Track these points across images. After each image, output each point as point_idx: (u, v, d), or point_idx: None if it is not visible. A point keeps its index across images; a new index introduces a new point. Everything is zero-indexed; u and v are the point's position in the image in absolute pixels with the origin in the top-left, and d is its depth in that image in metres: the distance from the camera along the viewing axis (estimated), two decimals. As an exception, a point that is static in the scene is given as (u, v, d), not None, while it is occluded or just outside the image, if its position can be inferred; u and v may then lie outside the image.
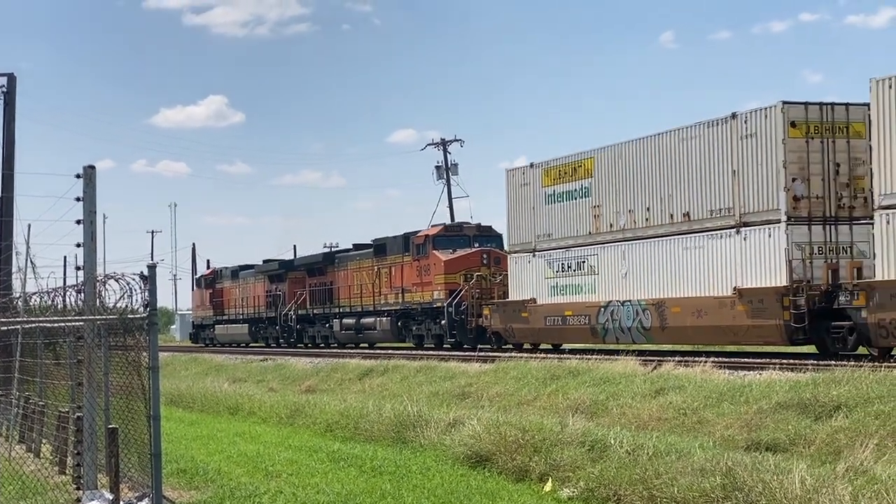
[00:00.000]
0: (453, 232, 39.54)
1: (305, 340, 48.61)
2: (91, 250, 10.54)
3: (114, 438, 10.19)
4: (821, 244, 24.21)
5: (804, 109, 24.30)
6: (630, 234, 28.82)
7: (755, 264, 24.73)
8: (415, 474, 13.84)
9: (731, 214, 25.50)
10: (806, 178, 24.15)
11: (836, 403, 15.13)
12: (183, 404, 27.41)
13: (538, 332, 32.56)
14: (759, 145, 24.66)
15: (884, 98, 21.38)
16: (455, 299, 36.59)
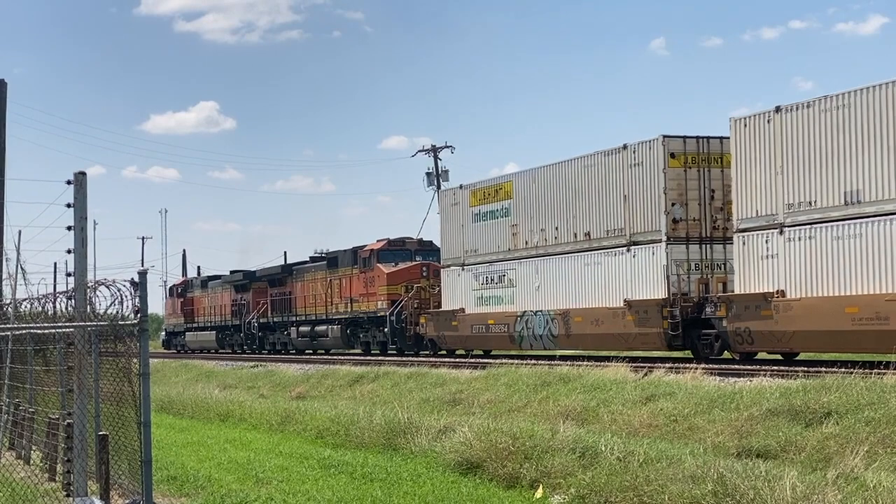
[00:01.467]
0: (396, 246, 42.53)
1: (266, 347, 51.90)
2: (82, 256, 10.52)
3: (104, 445, 10.17)
4: (697, 261, 27.47)
5: (683, 142, 27.69)
6: (542, 251, 32.08)
7: (642, 279, 27.98)
8: (405, 481, 13.82)
9: (623, 234, 28.85)
10: (684, 202, 27.46)
11: (826, 410, 15.16)
12: (173, 411, 27.34)
13: (466, 339, 35.80)
14: (645, 173, 27.97)
15: (740, 135, 24.86)
16: (396, 309, 39.78)
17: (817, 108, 23.23)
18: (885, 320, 21.31)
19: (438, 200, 37.98)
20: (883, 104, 21.81)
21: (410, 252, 42.40)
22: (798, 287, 23.50)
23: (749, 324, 24.53)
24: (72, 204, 10.51)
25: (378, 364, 32.12)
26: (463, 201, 36.24)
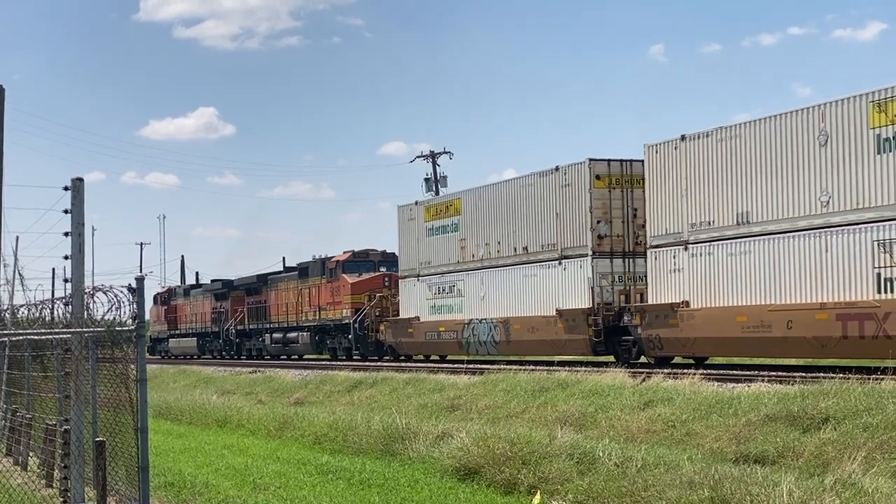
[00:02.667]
0: (360, 258, 44.97)
1: (243, 353, 54.19)
2: (79, 262, 10.51)
3: (101, 451, 10.16)
4: (620, 274, 29.80)
5: (607, 165, 30.02)
6: (487, 263, 34.59)
7: (571, 290, 30.43)
8: (403, 487, 13.82)
9: (556, 249, 31.23)
10: (609, 220, 29.86)
11: (824, 416, 15.16)
12: (171, 417, 27.33)
13: (420, 345, 38.40)
14: (574, 193, 30.46)
15: (652, 161, 27.55)
16: (359, 317, 42.04)
17: (715, 137, 25.69)
18: (768, 328, 23.77)
19: (398, 215, 40.38)
20: (767, 136, 24.25)
21: (374, 263, 44.70)
22: (700, 298, 25.99)
23: (659, 331, 26.98)
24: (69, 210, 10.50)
25: (376, 370, 32.13)
26: (418, 216, 38.68)
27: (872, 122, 21.86)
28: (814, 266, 23.08)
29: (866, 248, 21.97)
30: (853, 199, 22.33)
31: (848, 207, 22.45)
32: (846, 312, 22.08)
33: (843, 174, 22.52)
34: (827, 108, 22.93)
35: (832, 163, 22.75)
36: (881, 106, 21.74)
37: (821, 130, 23.03)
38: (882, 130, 21.66)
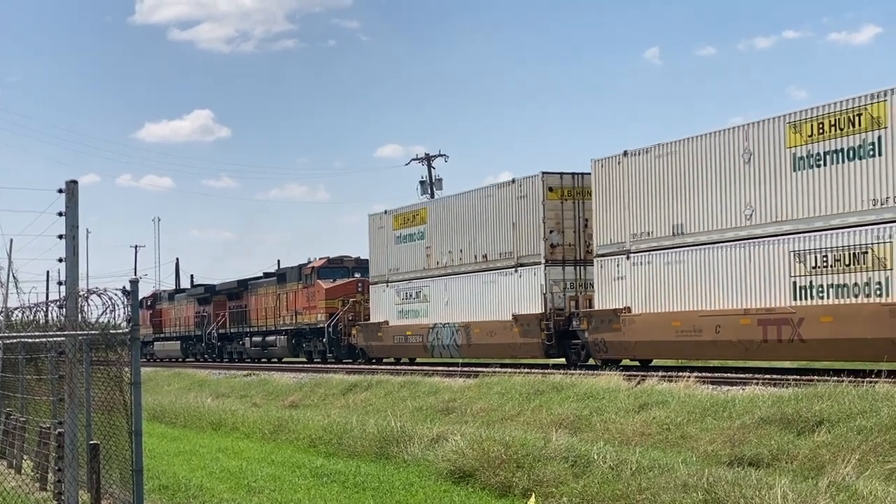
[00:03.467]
0: (335, 264, 46.84)
1: (225, 356, 55.84)
2: (73, 265, 10.50)
3: (95, 454, 10.15)
4: (572, 280, 31.45)
5: (560, 178, 31.81)
6: (450, 271, 36.30)
7: (526, 296, 32.09)
8: (398, 490, 13.82)
9: (512, 257, 32.91)
10: (561, 230, 31.56)
11: (818, 418, 15.17)
12: (165, 420, 27.30)
13: (389, 348, 40.19)
14: (529, 205, 32.16)
15: (598, 174, 29.47)
16: (333, 321, 43.86)
17: (653, 153, 27.54)
18: (699, 332, 25.66)
19: (368, 224, 42.24)
20: (698, 153, 26.20)
21: (348, 269, 46.33)
22: (640, 304, 27.77)
23: (604, 335, 28.90)
24: (63, 212, 10.50)
25: (371, 373, 32.14)
26: (387, 225, 40.45)
27: (789, 141, 23.70)
28: (739, 275, 24.87)
29: (784, 258, 23.73)
30: (773, 213, 24.07)
31: (768, 220, 24.19)
32: (766, 318, 23.86)
33: (764, 190, 24.27)
34: (750, 129, 24.67)
35: (755, 179, 24.53)
36: (796, 127, 23.53)
37: (745, 149, 24.82)
38: (797, 150, 23.50)
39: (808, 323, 22.94)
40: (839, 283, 22.55)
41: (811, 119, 23.24)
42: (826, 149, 22.88)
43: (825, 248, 22.87)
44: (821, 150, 23.00)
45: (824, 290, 22.90)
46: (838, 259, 22.62)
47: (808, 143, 23.23)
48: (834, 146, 22.72)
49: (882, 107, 21.73)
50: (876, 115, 21.85)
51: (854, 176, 22.30)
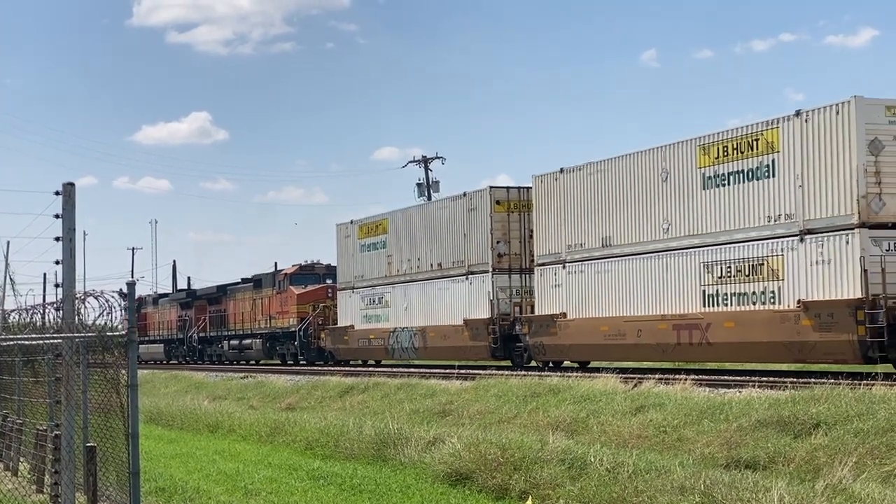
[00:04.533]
0: (307, 270, 49.19)
1: (205, 358, 57.88)
2: (70, 267, 10.49)
3: (92, 457, 10.14)
4: (517, 288, 33.55)
5: (506, 191, 34.30)
6: (409, 278, 38.48)
7: (475, 302, 34.51)
8: (395, 493, 13.81)
9: (463, 265, 35.30)
10: (507, 240, 33.81)
11: (815, 421, 15.18)
12: (162, 422, 27.28)
13: (354, 350, 42.75)
14: (478, 217, 34.52)
15: (538, 189, 31.88)
16: (304, 325, 46.16)
17: (585, 171, 30.07)
18: (623, 336, 28.01)
19: (336, 233, 44.39)
20: (623, 172, 28.57)
21: (319, 276, 48.56)
22: (574, 310, 30.25)
23: (543, 339, 31.20)
24: (60, 215, 10.48)
25: (368, 375, 32.15)
26: (353, 234, 42.82)
27: (699, 162, 26.09)
28: (657, 284, 27.24)
29: (695, 269, 26.13)
30: (686, 228, 26.48)
31: (682, 234, 26.60)
32: (680, 323, 26.22)
33: (679, 206, 26.66)
34: (667, 150, 27.05)
35: (671, 196, 26.91)
36: (705, 149, 25.87)
37: (663, 168, 27.19)
38: (706, 170, 25.90)
39: (714, 328, 25.31)
40: (740, 292, 24.93)
41: (718, 142, 25.53)
42: (730, 170, 25.25)
43: (729, 260, 25.23)
44: (725, 171, 25.38)
45: (728, 298, 25.24)
46: (740, 270, 24.97)
47: (715, 164, 25.60)
48: (736, 167, 25.08)
49: (776, 133, 24.08)
50: (770, 141, 24.20)
51: (753, 195, 24.66)
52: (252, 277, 53.70)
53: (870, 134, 22.46)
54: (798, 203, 23.60)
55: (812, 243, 23.28)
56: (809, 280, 23.31)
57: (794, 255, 23.67)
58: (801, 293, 23.39)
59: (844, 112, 22.67)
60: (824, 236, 23.05)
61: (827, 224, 23.01)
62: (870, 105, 22.61)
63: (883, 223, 22.49)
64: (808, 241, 23.38)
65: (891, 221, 22.58)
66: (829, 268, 22.91)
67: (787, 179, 23.81)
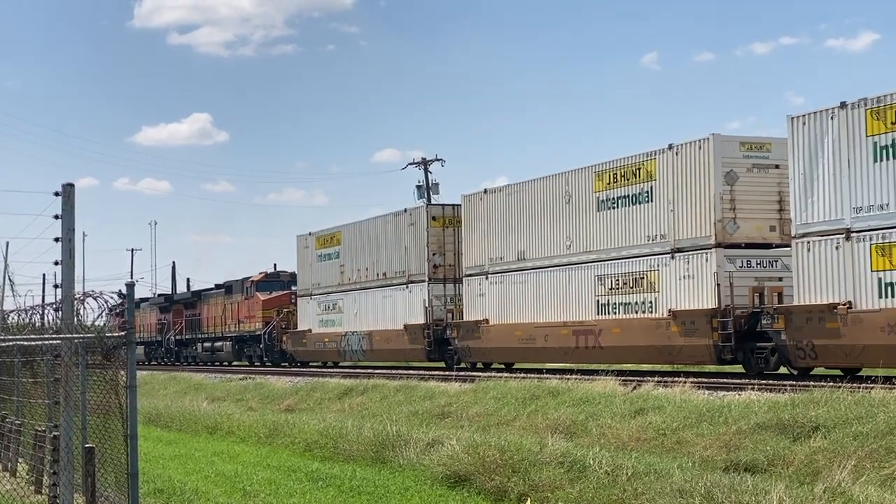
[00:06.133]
0: (272, 278, 52.65)
1: (181, 360, 60.63)
2: (69, 268, 10.47)
3: (90, 458, 10.13)
4: (451, 296, 37.11)
5: (441, 208, 38.36)
6: (359, 286, 42.17)
7: (414, 309, 38.02)
8: (394, 494, 13.80)
9: (404, 275, 38.68)
10: (442, 252, 37.42)
11: (814, 424, 15.18)
12: (161, 423, 27.27)
13: (312, 352, 46.15)
14: (417, 231, 38.17)
15: (466, 207, 35.74)
16: (269, 329, 49.64)
17: (504, 192, 33.96)
18: (533, 340, 31.55)
19: (296, 243, 47.74)
20: (535, 193, 32.13)
21: (284, 283, 51.67)
22: (495, 317, 33.85)
23: (469, 342, 34.85)
24: (60, 215, 10.46)
25: (367, 377, 32.15)
26: (311, 245, 46.25)
27: (595, 187, 29.63)
28: (561, 294, 30.81)
29: (591, 281, 29.68)
30: (584, 244, 30.05)
31: (581, 250, 30.16)
32: (578, 329, 29.71)
33: (579, 225, 30.27)
34: (570, 175, 30.70)
35: (573, 216, 30.52)
36: (600, 176, 29.50)
37: (566, 192, 30.80)
38: (600, 194, 29.46)
39: (604, 333, 28.80)
40: (625, 302, 28.51)
41: (609, 170, 29.11)
42: (618, 195, 28.86)
43: (617, 274, 28.77)
44: (615, 196, 28.99)
45: (616, 307, 28.81)
46: (626, 283, 28.50)
47: (607, 189, 29.19)
48: (624, 193, 28.70)
49: (653, 163, 27.55)
50: (650, 170, 27.73)
51: (636, 217, 28.21)
52: (224, 284, 56.95)
53: (726, 166, 25.95)
54: (670, 225, 27.14)
55: (680, 260, 26.83)
56: (678, 292, 26.79)
57: (666, 270, 27.18)
58: (672, 303, 26.89)
59: (705, 147, 26.13)
60: (689, 254, 26.60)
61: (692, 244, 26.59)
62: (726, 141, 26.14)
63: (736, 244, 26.07)
64: (677, 259, 26.94)
65: (743, 242, 26.13)
66: (693, 282, 26.38)
67: (662, 204, 27.31)
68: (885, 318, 21.50)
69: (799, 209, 23.65)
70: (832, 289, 22.77)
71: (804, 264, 23.44)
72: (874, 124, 21.86)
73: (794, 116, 23.69)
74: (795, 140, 23.60)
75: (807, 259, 23.38)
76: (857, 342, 22.20)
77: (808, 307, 23.28)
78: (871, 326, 21.77)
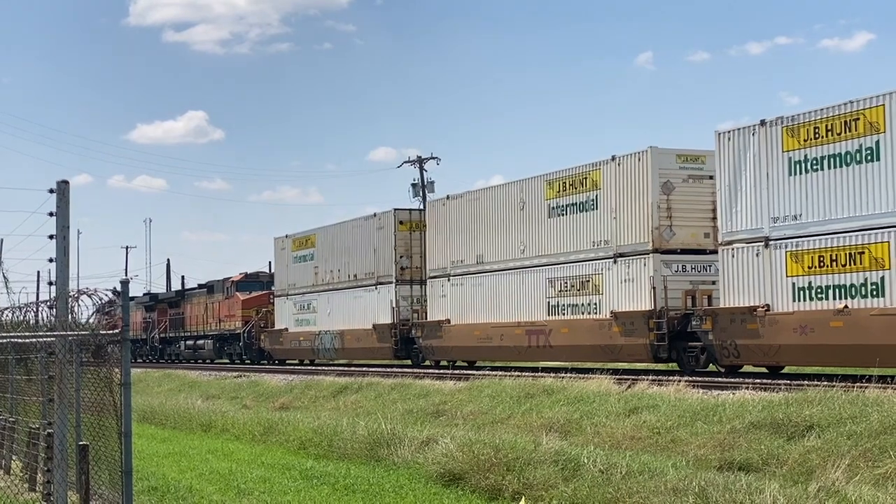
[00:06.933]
0: (252, 278, 54.57)
1: (165, 357, 62.45)
2: (63, 265, 10.46)
3: (84, 455, 10.12)
4: (417, 297, 38.56)
5: (409, 213, 39.90)
6: (331, 287, 43.63)
7: (382, 309, 39.56)
8: (388, 493, 13.80)
9: (373, 276, 40.35)
10: (409, 255, 38.91)
11: (808, 423, 15.19)
12: (155, 421, 27.23)
13: (288, 350, 47.77)
14: (385, 235, 39.70)
15: (430, 212, 37.65)
16: (248, 328, 51.30)
17: (465, 199, 35.60)
18: (490, 339, 33.23)
19: (274, 245, 49.52)
20: (492, 200, 33.91)
21: (263, 283, 53.30)
22: (456, 317, 35.41)
23: (432, 341, 36.43)
24: (54, 213, 10.45)
25: (362, 375, 32.17)
26: (287, 247, 47.78)
27: (546, 195, 31.20)
28: (516, 296, 32.37)
29: (542, 284, 31.16)
30: (537, 249, 31.53)
31: (534, 254, 31.65)
32: (531, 329, 31.25)
33: (532, 231, 31.79)
34: (524, 184, 32.30)
35: (526, 222, 32.06)
36: (550, 184, 31.03)
37: (520, 199, 32.34)
38: (551, 202, 31.05)
39: (554, 333, 30.38)
40: (573, 304, 30.11)
41: (558, 179, 30.71)
42: (567, 202, 30.45)
43: (566, 277, 30.35)
44: (564, 203, 30.57)
45: (564, 308, 30.41)
46: (573, 285, 30.14)
47: (557, 197, 30.80)
48: (572, 201, 30.28)
49: (599, 173, 29.23)
50: (595, 180, 29.40)
51: (583, 224, 29.85)
52: (206, 284, 58.70)
53: (663, 177, 27.50)
54: (613, 232, 28.76)
55: (622, 265, 28.42)
56: (619, 295, 28.40)
57: (609, 274, 28.83)
58: (614, 305, 28.50)
59: (644, 159, 27.69)
60: (630, 259, 28.16)
61: (632, 249, 28.17)
62: (662, 154, 27.63)
63: (672, 249, 27.63)
64: (619, 263, 28.51)
65: (679, 248, 27.65)
66: (633, 285, 27.97)
67: (606, 212, 28.94)
68: (797, 319, 23.19)
69: (725, 218, 25.23)
70: (753, 292, 24.38)
71: (729, 270, 25.05)
72: (789, 141, 23.55)
73: (721, 132, 25.26)
74: (722, 154, 25.18)
75: (731, 265, 25.00)
76: (773, 342, 23.75)
77: (732, 309, 24.82)
78: (785, 327, 23.43)
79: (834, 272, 22.58)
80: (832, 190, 22.64)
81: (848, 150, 22.25)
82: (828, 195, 22.73)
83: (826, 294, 22.76)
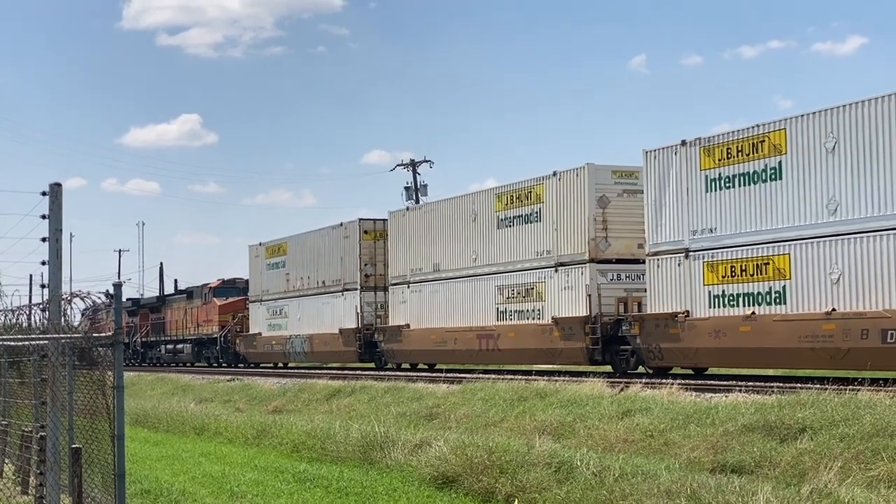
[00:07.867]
0: (229, 284, 56.13)
1: (147, 361, 63.83)
2: (56, 268, 10.45)
3: (77, 458, 10.11)
4: (381, 303, 40.21)
5: (373, 223, 41.11)
6: (302, 293, 45.35)
7: (348, 314, 41.33)
8: (381, 495, 13.80)
9: (340, 283, 42.00)
10: (374, 263, 40.67)
11: (801, 426, 15.21)
12: (148, 424, 27.21)
13: (261, 354, 49.55)
14: (350, 243, 41.45)
15: (391, 222, 39.26)
16: (225, 332, 52.97)
17: (423, 210, 38.23)
18: (445, 343, 34.95)
19: (248, 253, 50.96)
20: (447, 212, 35.62)
21: (240, 289, 54.62)
22: (415, 322, 37.03)
23: (393, 345, 38.09)
24: (47, 215, 10.44)
25: (355, 378, 32.15)
26: (261, 254, 49.50)
27: (496, 207, 33.05)
28: (468, 302, 34.20)
29: (492, 291, 33.06)
30: (487, 258, 33.36)
31: (484, 263, 33.52)
32: (482, 333, 33.12)
33: (483, 241, 33.68)
34: (476, 196, 34.28)
35: (478, 233, 33.90)
36: (499, 197, 32.88)
37: (472, 211, 34.20)
38: (500, 213, 32.89)
39: (502, 337, 32.22)
40: (519, 310, 31.85)
41: (506, 192, 32.52)
42: (514, 214, 32.21)
43: (513, 285, 32.09)
44: (511, 215, 32.31)
45: (512, 314, 32.17)
46: (519, 293, 31.89)
47: (505, 209, 32.61)
48: (518, 213, 32.06)
49: (542, 187, 31.02)
50: (539, 193, 31.18)
51: (528, 235, 31.59)
52: (185, 289, 60.58)
53: (599, 192, 29.39)
54: (554, 242, 30.50)
55: (562, 273, 30.18)
56: (560, 302, 30.15)
57: (551, 282, 30.55)
58: (555, 311, 30.22)
59: (582, 174, 29.57)
60: (569, 268, 29.94)
61: (571, 259, 29.93)
62: (599, 169, 29.52)
63: (608, 259, 29.40)
64: (560, 272, 30.26)
65: (614, 258, 29.38)
66: (572, 293, 29.76)
67: (549, 224, 30.69)
68: (712, 325, 24.97)
69: (651, 230, 26.98)
70: (675, 300, 26.18)
71: (655, 279, 26.82)
72: (706, 160, 25.36)
73: (648, 150, 26.98)
74: (649, 171, 27.01)
75: (657, 274, 26.77)
76: (692, 345, 25.54)
77: (657, 315, 26.58)
78: (702, 332, 25.20)
79: (744, 281, 24.35)
80: (742, 206, 24.43)
81: (755, 169, 24.05)
82: (739, 211, 24.53)
83: (737, 301, 24.50)
